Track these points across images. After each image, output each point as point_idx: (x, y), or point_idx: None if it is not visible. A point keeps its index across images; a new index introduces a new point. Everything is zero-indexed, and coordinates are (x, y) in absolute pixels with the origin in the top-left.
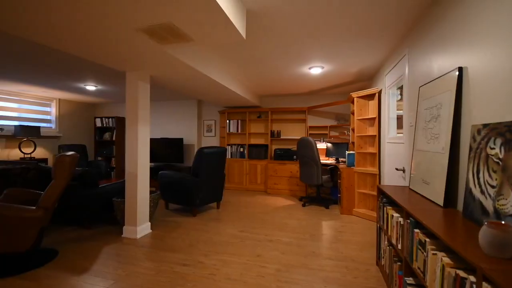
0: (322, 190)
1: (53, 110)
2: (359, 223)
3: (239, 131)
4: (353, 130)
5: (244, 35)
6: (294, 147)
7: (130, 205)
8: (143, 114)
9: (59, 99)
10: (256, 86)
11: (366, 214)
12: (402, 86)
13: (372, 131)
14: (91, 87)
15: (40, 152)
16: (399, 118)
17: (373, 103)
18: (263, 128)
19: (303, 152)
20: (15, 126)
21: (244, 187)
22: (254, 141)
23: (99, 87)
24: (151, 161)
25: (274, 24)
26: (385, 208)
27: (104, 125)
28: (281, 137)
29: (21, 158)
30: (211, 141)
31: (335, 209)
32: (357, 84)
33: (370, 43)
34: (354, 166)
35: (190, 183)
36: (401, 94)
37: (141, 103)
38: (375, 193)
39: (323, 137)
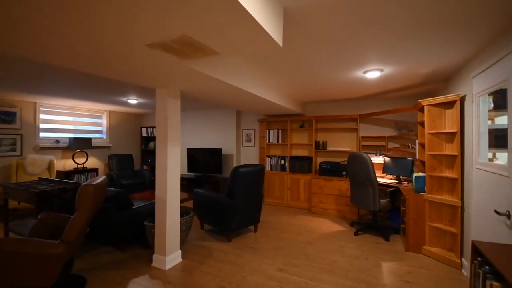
0: (380, 213)
1: (104, 121)
2: (433, 267)
3: (280, 141)
4: (422, 145)
5: (280, 43)
6: (343, 160)
7: (160, 233)
8: (173, 133)
9: (109, 111)
10: (297, 93)
11: (441, 256)
12: (495, 92)
13: (450, 149)
14: (133, 101)
15: (92, 162)
16: (490, 133)
17: (451, 113)
18: (307, 138)
19: (355, 171)
20: (69, 138)
21: (285, 203)
22: (296, 152)
23: (140, 100)
24: (190, 170)
25: (319, 24)
26: (486, 281)
27: (149, 134)
28: (328, 149)
29: (74, 168)
30: (250, 151)
31: (397, 242)
32: (425, 87)
33: (450, 37)
34: (424, 192)
35: (225, 205)
36: (494, 102)
37: (171, 121)
38: (455, 230)
39: (379, 150)
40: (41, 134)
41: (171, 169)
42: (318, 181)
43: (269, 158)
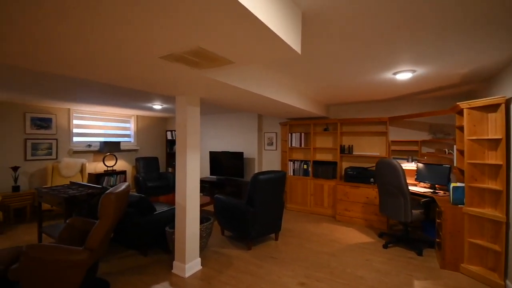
0: (412, 224)
1: (132, 125)
2: None
3: (303, 145)
4: (460, 152)
5: (299, 50)
6: (371, 166)
7: (179, 240)
8: (192, 140)
9: (136, 115)
10: (321, 96)
11: (481, 276)
12: None
13: (494, 157)
14: (157, 106)
15: (120, 165)
16: None
17: (495, 118)
18: (331, 142)
19: (384, 179)
20: (100, 142)
21: (309, 209)
22: (320, 157)
23: (164, 105)
24: (213, 174)
25: (342, 26)
26: None
27: (174, 137)
28: (354, 153)
29: (104, 171)
30: (272, 155)
31: (432, 258)
32: (463, 87)
33: (494, 33)
34: (463, 204)
35: (245, 213)
36: None
37: (190, 129)
38: (498, 248)
39: (411, 155)
40: (75, 139)
41: (191, 176)
42: (343, 188)
43: (292, 163)
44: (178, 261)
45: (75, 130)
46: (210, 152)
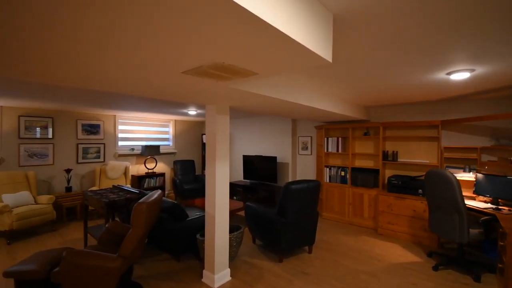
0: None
1: (170, 130)
2: None
3: (340, 150)
4: None
5: (329, 58)
6: (419, 175)
7: (209, 249)
8: (222, 150)
9: (175, 120)
10: (359, 99)
11: None
12: None
13: None
14: (192, 112)
15: (160, 167)
16: None
17: None
18: (372, 147)
19: (436, 192)
20: (142, 146)
21: (346, 219)
22: (359, 163)
23: (199, 111)
24: (246, 178)
25: (382, 27)
26: None
27: None
28: (399, 161)
29: (145, 173)
30: (307, 160)
31: (492, 286)
32: None
33: None
34: None
35: (276, 224)
36: None
37: (220, 138)
38: None
39: (468, 164)
40: (119, 143)
41: (220, 186)
42: (386, 198)
43: (328, 169)
44: (208, 271)
45: (120, 135)
46: (244, 156)
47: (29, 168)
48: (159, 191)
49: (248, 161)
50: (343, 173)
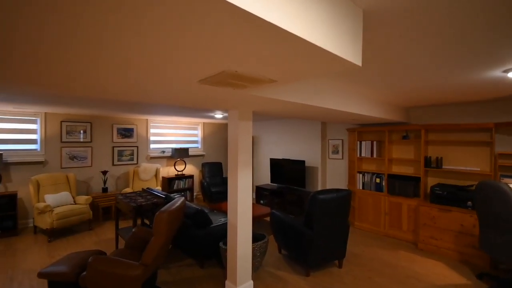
0: None
1: (199, 132)
2: None
3: (375, 155)
4: None
5: (359, 61)
6: (468, 185)
7: (231, 259)
8: (244, 157)
9: (203, 122)
10: (398, 100)
11: None
12: None
13: None
14: (219, 115)
15: (189, 169)
16: None
17: None
18: (412, 152)
19: (489, 208)
20: (172, 148)
21: (382, 231)
22: (397, 169)
23: (225, 114)
24: (273, 181)
25: (427, 18)
26: None
27: None
28: (444, 168)
29: (175, 175)
30: (337, 164)
31: None
32: None
33: None
34: None
35: (302, 236)
36: None
37: (242, 145)
38: None
39: None
40: (151, 146)
41: (242, 194)
42: (428, 210)
43: (361, 175)
44: (230, 282)
45: (151, 138)
46: (271, 159)
47: (69, 170)
48: (182, 198)
49: (275, 164)
50: (378, 180)
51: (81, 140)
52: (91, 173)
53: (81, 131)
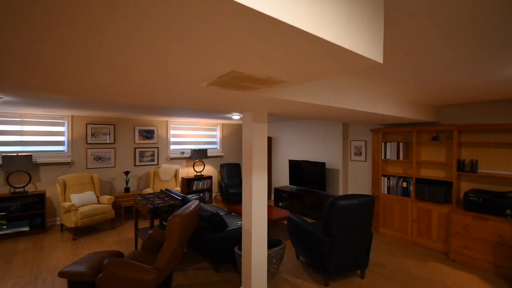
0: None
1: (217, 133)
2: None
3: (401, 157)
4: None
5: (380, 58)
6: (507, 190)
7: (245, 266)
8: (259, 160)
9: (222, 123)
10: (428, 98)
11: None
12: None
13: None
14: (236, 116)
15: (208, 170)
16: None
17: None
18: (443, 155)
19: None
20: (191, 150)
21: (409, 238)
22: (426, 173)
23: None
24: (292, 183)
25: (458, 5)
26: None
27: None
28: (479, 172)
29: (194, 176)
30: (360, 167)
31: None
32: None
33: None
34: None
35: (321, 243)
36: None
37: (256, 147)
38: None
39: None
40: (171, 147)
41: (257, 198)
42: (462, 218)
43: (386, 178)
44: None
45: (171, 139)
46: (289, 161)
47: (94, 170)
48: (197, 202)
49: (294, 166)
50: (405, 184)
51: (108, 141)
52: (114, 174)
53: (107, 133)
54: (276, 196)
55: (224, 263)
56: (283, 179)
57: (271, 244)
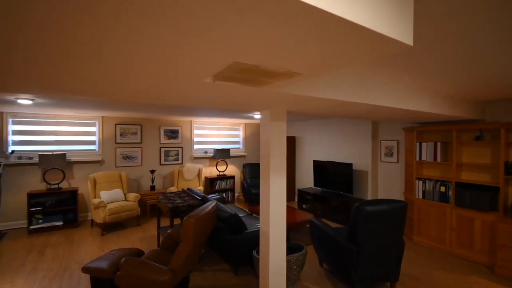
0: None
1: (240, 133)
2: None
3: (439, 159)
4: None
5: (410, 40)
6: None
7: (263, 271)
8: (277, 161)
9: (244, 123)
10: (470, 92)
11: None
12: None
13: None
14: (258, 116)
15: (230, 170)
16: None
17: None
18: (488, 156)
19: None
20: (214, 149)
21: (447, 249)
22: (468, 177)
23: None
24: (317, 185)
25: None
26: None
27: None
28: None
29: (217, 175)
30: (392, 169)
31: None
32: None
33: None
34: None
35: (345, 251)
36: None
37: (274, 148)
38: None
39: None
40: (195, 146)
41: (275, 201)
42: (510, 228)
43: (420, 182)
44: None
45: (195, 139)
46: (314, 161)
47: (122, 168)
48: (214, 203)
49: (319, 166)
50: (443, 189)
51: (135, 141)
52: (141, 172)
53: (134, 133)
54: (300, 197)
55: (243, 266)
56: (307, 180)
57: (292, 249)
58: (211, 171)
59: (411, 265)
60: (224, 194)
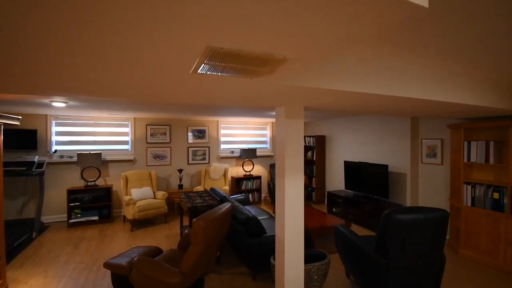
0: None
1: (267, 132)
2: None
3: (492, 160)
4: None
5: (424, 1)
6: None
7: (279, 280)
8: (293, 162)
9: (272, 122)
10: None
11: None
12: None
13: None
14: None
15: (257, 170)
16: None
17: None
18: None
19: None
20: (240, 149)
21: (500, 264)
22: None
23: None
24: (348, 188)
25: None
26: None
27: (307, 144)
28: None
29: (243, 175)
30: (435, 171)
31: None
32: None
33: None
34: None
35: (373, 264)
36: None
37: (290, 147)
38: None
39: None
40: (222, 146)
41: (290, 206)
42: None
43: (469, 186)
44: None
45: (222, 139)
46: (345, 162)
47: (152, 167)
48: (228, 204)
49: (351, 168)
50: (496, 195)
51: (166, 140)
52: (170, 171)
53: (164, 133)
54: (329, 200)
55: (263, 271)
56: (337, 182)
57: (313, 257)
58: (237, 171)
59: (455, 282)
60: (250, 195)
